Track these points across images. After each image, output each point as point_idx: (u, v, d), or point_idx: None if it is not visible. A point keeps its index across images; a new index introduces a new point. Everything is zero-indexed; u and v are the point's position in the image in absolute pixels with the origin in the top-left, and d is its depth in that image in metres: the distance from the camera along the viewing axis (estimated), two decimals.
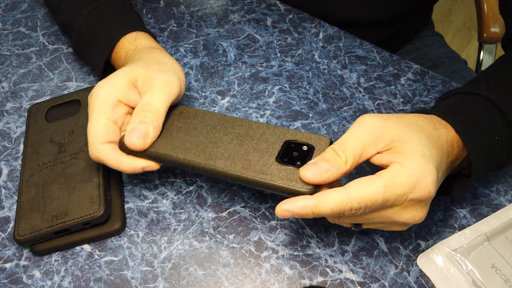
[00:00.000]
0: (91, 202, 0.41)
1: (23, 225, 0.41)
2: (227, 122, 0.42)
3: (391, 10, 0.68)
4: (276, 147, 0.39)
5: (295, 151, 0.38)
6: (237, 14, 0.64)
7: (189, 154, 0.39)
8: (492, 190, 0.46)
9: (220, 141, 0.40)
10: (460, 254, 0.41)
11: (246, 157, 0.38)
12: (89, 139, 0.40)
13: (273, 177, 0.36)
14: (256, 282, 0.41)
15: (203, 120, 0.43)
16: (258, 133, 0.41)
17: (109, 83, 0.42)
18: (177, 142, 0.41)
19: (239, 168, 0.37)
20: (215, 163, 0.38)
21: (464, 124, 0.39)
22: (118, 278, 0.41)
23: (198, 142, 0.40)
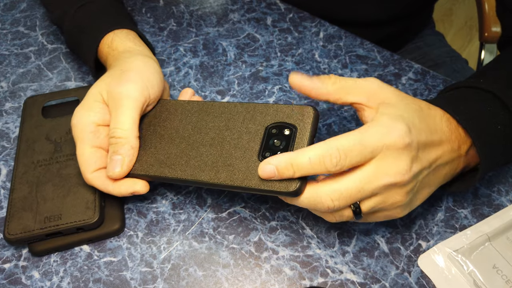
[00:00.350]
0: (85, 207, 0.41)
1: (14, 224, 0.40)
2: (207, 114, 0.41)
3: (392, 10, 0.68)
4: (258, 138, 0.37)
5: (278, 138, 0.37)
6: (237, 13, 0.64)
7: (174, 170, 0.40)
8: (493, 190, 0.46)
9: (202, 144, 0.39)
10: (461, 254, 0.41)
11: (229, 161, 0.38)
12: (80, 168, 0.41)
13: (257, 182, 0.36)
14: (256, 283, 0.40)
15: (182, 118, 0.42)
16: (238, 121, 0.39)
17: (84, 109, 0.42)
18: (161, 156, 0.41)
19: (224, 178, 0.37)
20: (200, 176, 0.38)
21: (465, 114, 0.39)
22: (117, 278, 0.41)
23: (181, 151, 0.40)
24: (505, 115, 0.40)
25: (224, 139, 0.39)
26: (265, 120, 0.38)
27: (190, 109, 0.42)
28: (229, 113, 0.40)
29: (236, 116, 0.39)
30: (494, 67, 0.46)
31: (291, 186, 0.35)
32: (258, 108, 0.39)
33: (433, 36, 0.83)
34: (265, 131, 0.37)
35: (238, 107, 0.40)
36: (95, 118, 0.42)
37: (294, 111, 0.37)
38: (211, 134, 0.39)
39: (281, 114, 0.38)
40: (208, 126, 0.40)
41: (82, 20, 0.51)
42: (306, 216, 0.44)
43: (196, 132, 0.40)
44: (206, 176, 0.38)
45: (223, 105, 0.40)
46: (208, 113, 0.41)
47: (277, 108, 0.38)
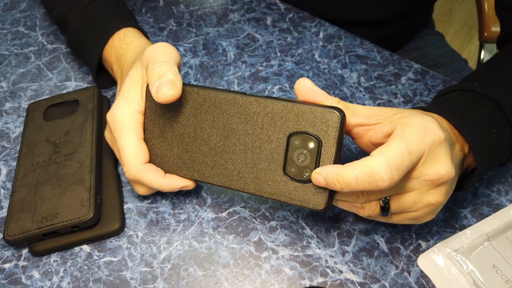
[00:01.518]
0: (81, 205, 0.41)
1: (13, 225, 0.41)
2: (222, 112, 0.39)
3: (391, 10, 0.68)
4: (281, 149, 0.36)
5: (302, 152, 0.35)
6: (237, 13, 0.64)
7: (202, 175, 0.40)
8: (493, 190, 0.46)
9: (224, 150, 0.39)
10: (461, 254, 0.41)
11: (255, 173, 0.38)
12: (127, 160, 0.40)
13: (285, 197, 0.37)
14: (256, 282, 0.40)
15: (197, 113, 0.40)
16: (257, 127, 0.37)
17: (126, 100, 0.41)
18: (186, 158, 0.40)
19: (253, 189, 0.38)
20: (230, 185, 0.39)
21: (462, 118, 0.39)
22: (117, 278, 0.41)
23: (203, 155, 0.40)
24: (501, 118, 0.40)
25: (246, 146, 0.38)
26: (286, 127, 0.36)
27: (202, 102, 0.39)
28: (246, 113, 0.37)
29: (254, 119, 0.37)
30: (491, 67, 0.47)
31: (319, 205, 0.35)
32: (277, 109, 0.36)
33: (432, 36, 0.83)
34: (288, 141, 0.36)
35: (255, 105, 0.37)
36: (139, 107, 0.41)
37: (317, 117, 0.35)
38: (232, 139, 0.38)
39: (303, 121, 0.35)
40: (226, 128, 0.39)
41: (90, 16, 0.51)
42: (306, 216, 0.44)
43: (215, 134, 0.39)
44: (235, 186, 0.39)
45: (237, 102, 0.38)
46: (223, 111, 0.38)
47: (298, 112, 0.35)
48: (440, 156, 0.34)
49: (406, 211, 0.36)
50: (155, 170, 0.41)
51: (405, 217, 0.37)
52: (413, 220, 0.37)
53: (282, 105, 0.36)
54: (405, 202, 0.35)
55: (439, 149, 0.34)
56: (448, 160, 0.34)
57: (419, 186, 0.34)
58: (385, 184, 0.31)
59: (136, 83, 0.41)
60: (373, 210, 0.36)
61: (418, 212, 0.36)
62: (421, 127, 0.33)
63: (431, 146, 0.33)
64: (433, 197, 0.34)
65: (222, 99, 0.38)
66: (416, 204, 0.35)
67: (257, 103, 0.37)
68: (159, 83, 0.37)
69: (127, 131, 0.40)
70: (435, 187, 0.34)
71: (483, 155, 0.39)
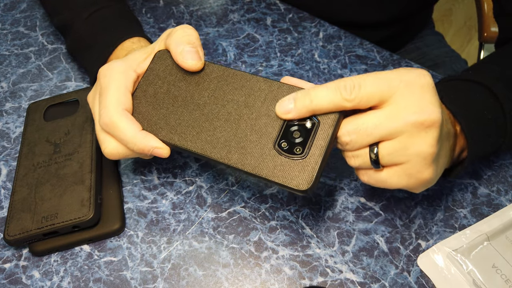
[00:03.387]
0: (81, 205, 0.41)
1: (13, 225, 0.41)
2: (227, 83, 0.38)
3: (391, 11, 0.68)
4: (277, 124, 0.35)
5: (298, 130, 0.35)
6: (237, 14, 0.64)
7: (183, 139, 0.37)
8: (493, 190, 0.46)
9: (217, 117, 0.37)
10: (461, 254, 0.41)
11: (242, 143, 0.36)
12: (108, 102, 0.37)
13: (268, 172, 0.34)
14: (256, 282, 0.40)
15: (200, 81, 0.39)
16: (259, 100, 0.37)
17: (125, 60, 0.40)
18: (172, 120, 0.38)
19: (235, 160, 0.35)
20: (210, 153, 0.36)
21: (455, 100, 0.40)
22: (117, 278, 0.41)
23: (193, 120, 0.38)
24: (494, 104, 0.41)
25: (241, 116, 0.36)
26: None
27: (210, 73, 0.39)
28: (251, 87, 0.37)
29: (257, 93, 0.37)
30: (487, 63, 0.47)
31: (302, 185, 0.33)
32: (283, 89, 0.36)
33: (432, 36, 0.83)
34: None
35: (262, 83, 0.37)
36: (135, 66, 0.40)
37: None
38: (228, 108, 0.37)
39: None
40: (226, 98, 0.37)
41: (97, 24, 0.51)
42: (305, 215, 0.44)
43: (212, 102, 0.38)
44: (216, 154, 0.36)
45: (245, 77, 0.38)
46: (228, 83, 0.38)
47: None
48: (424, 96, 0.32)
49: (397, 162, 0.34)
50: (133, 120, 0.38)
51: (400, 173, 0.34)
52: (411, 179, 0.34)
53: (289, 88, 0.36)
54: (393, 148, 0.33)
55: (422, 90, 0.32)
56: (435, 101, 0.32)
57: (407, 129, 0.32)
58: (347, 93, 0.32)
59: (145, 52, 0.41)
60: (363, 158, 0.34)
61: (411, 164, 0.33)
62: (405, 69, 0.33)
63: (409, 84, 0.32)
64: (423, 142, 0.32)
65: (230, 73, 0.38)
66: (406, 150, 0.33)
67: (264, 82, 0.37)
68: (188, 49, 0.38)
69: (116, 78, 0.38)
70: (424, 130, 0.32)
71: (474, 135, 0.39)
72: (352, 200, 0.45)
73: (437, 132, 0.32)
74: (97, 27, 0.51)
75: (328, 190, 0.46)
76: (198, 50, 0.39)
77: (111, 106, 0.37)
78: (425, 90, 0.32)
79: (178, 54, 0.38)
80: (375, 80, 0.33)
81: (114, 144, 0.39)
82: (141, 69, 0.40)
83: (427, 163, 0.33)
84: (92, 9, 0.52)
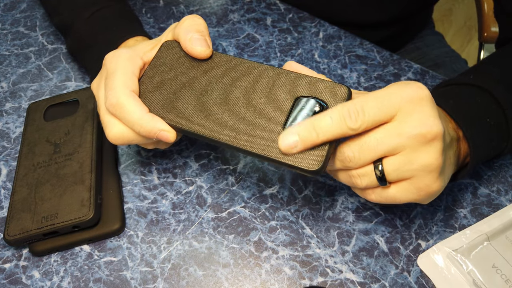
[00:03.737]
0: (81, 205, 0.41)
1: (13, 225, 0.41)
2: (235, 71, 0.38)
3: (391, 12, 0.68)
4: (285, 108, 0.36)
5: (306, 113, 0.35)
6: (237, 14, 0.64)
7: (191, 122, 0.37)
8: (493, 190, 0.46)
9: (225, 102, 0.37)
10: (461, 254, 0.41)
11: (251, 125, 0.36)
12: (115, 84, 0.37)
13: (278, 153, 0.34)
14: (256, 282, 0.40)
15: (208, 69, 0.39)
16: (267, 87, 0.37)
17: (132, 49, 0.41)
18: (179, 104, 0.38)
19: (244, 142, 0.35)
20: (219, 135, 0.36)
21: (455, 106, 0.40)
22: (117, 278, 0.41)
23: (201, 104, 0.38)
24: (495, 109, 0.41)
25: (250, 101, 0.37)
26: (296, 90, 0.36)
27: (218, 61, 0.39)
28: (259, 75, 0.38)
29: (265, 80, 0.37)
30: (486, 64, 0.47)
31: (313, 165, 0.33)
32: (290, 76, 0.37)
33: (432, 36, 0.83)
34: (294, 102, 0.36)
35: (269, 70, 0.38)
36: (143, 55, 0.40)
37: (327, 87, 0.35)
38: (236, 93, 0.37)
39: (313, 88, 0.36)
40: (234, 84, 0.38)
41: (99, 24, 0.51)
42: (305, 215, 0.44)
43: (220, 87, 0.38)
44: (225, 137, 0.36)
45: (253, 65, 0.38)
46: (236, 70, 0.38)
47: (310, 81, 0.36)
48: (423, 109, 0.32)
49: (404, 177, 0.34)
50: (141, 102, 0.38)
51: (408, 188, 0.34)
52: (421, 192, 0.34)
53: (295, 75, 0.37)
54: (399, 163, 0.33)
55: (420, 103, 0.32)
56: (434, 113, 0.32)
57: (409, 143, 0.32)
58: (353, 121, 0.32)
59: (151, 42, 0.42)
60: (369, 177, 0.34)
61: (419, 178, 0.33)
62: (402, 83, 0.33)
63: (409, 99, 0.32)
64: (427, 155, 0.32)
65: (238, 61, 0.39)
66: (411, 165, 0.32)
67: (272, 69, 0.38)
68: (197, 36, 0.39)
69: (123, 63, 0.38)
70: (428, 143, 0.32)
71: (476, 141, 0.39)
72: (352, 200, 0.45)
73: (440, 144, 0.32)
74: (97, 27, 0.51)
75: (328, 190, 0.46)
76: (206, 39, 0.39)
77: (118, 87, 0.37)
78: (424, 103, 0.32)
79: (188, 41, 0.39)
80: (377, 102, 0.32)
81: (119, 127, 0.38)
82: (147, 57, 0.41)
83: (434, 175, 0.33)
84: (93, 9, 0.51)
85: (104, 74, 0.40)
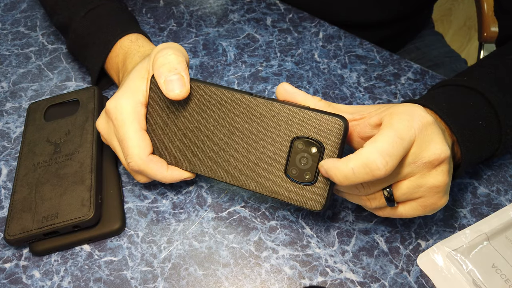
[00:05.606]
0: (81, 205, 0.41)
1: (14, 225, 0.41)
2: (227, 110, 0.39)
3: (391, 11, 0.68)
4: (283, 151, 0.38)
5: (304, 156, 0.37)
6: (237, 14, 0.64)
7: (204, 169, 0.41)
8: (493, 189, 0.46)
9: (227, 147, 0.39)
10: (460, 253, 0.41)
11: (256, 172, 0.39)
12: (132, 151, 0.39)
13: (284, 196, 0.38)
14: (256, 282, 0.40)
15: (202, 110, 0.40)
16: (262, 128, 0.38)
17: (130, 91, 0.40)
18: (188, 152, 0.41)
19: (253, 186, 0.39)
20: (231, 181, 0.40)
21: (447, 109, 0.40)
22: (117, 278, 0.41)
23: (206, 151, 0.40)
24: (488, 111, 0.41)
25: (249, 145, 0.39)
26: (291, 131, 0.37)
27: (208, 99, 0.39)
28: (252, 114, 0.38)
29: (259, 120, 0.38)
30: (481, 66, 0.47)
31: (316, 206, 0.37)
32: (283, 113, 0.37)
33: (432, 36, 0.83)
34: (291, 144, 0.37)
35: (261, 108, 0.38)
36: (143, 99, 0.40)
37: (321, 124, 0.36)
38: (235, 137, 0.39)
39: (307, 126, 0.36)
40: (230, 127, 0.39)
41: (95, 22, 0.51)
42: (305, 215, 0.44)
43: (219, 131, 0.40)
44: (236, 182, 0.40)
45: (243, 102, 0.38)
46: (228, 110, 0.39)
47: (303, 118, 0.37)
48: (431, 137, 0.34)
49: (412, 198, 0.36)
50: (160, 162, 0.41)
51: (415, 206, 0.36)
52: (426, 209, 0.36)
53: (288, 109, 0.37)
54: (408, 188, 0.35)
55: (429, 131, 0.34)
56: (441, 139, 0.34)
57: (418, 170, 0.34)
58: (381, 173, 0.32)
59: (142, 76, 0.41)
60: (378, 200, 0.36)
61: (426, 198, 0.35)
62: (407, 113, 0.34)
63: (420, 129, 0.33)
64: (435, 178, 0.34)
65: (228, 98, 0.39)
66: (420, 188, 0.34)
67: (263, 105, 0.38)
68: (170, 78, 0.38)
69: (130, 121, 0.39)
70: (435, 168, 0.34)
71: (468, 145, 0.39)
72: None
73: (447, 166, 0.34)
74: (93, 26, 0.51)
75: None
76: (181, 77, 0.38)
77: (135, 155, 0.39)
78: (430, 130, 0.34)
79: (162, 85, 0.38)
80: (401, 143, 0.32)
81: (146, 179, 0.43)
82: (145, 99, 0.41)
83: (441, 194, 0.35)
84: (88, 7, 0.51)
85: (111, 124, 0.41)
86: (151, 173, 0.40)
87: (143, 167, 0.40)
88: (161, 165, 0.41)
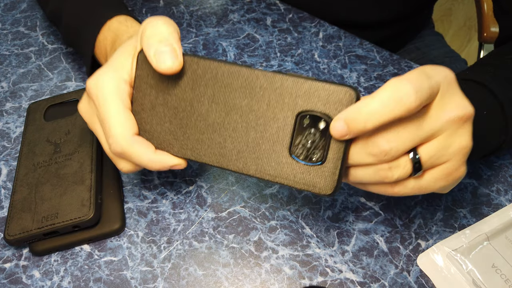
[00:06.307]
0: (81, 205, 0.41)
1: (14, 225, 0.41)
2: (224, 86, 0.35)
3: (391, 12, 0.68)
4: (287, 128, 0.33)
5: (311, 132, 0.32)
6: (237, 14, 0.64)
7: (197, 154, 0.36)
8: (493, 190, 0.46)
9: (223, 127, 0.35)
10: (460, 254, 0.41)
11: (256, 153, 0.34)
12: (115, 131, 0.35)
13: (289, 180, 0.34)
14: (256, 282, 0.40)
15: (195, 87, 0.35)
16: (263, 103, 0.33)
17: (113, 68, 0.36)
18: (180, 135, 0.36)
19: (253, 170, 0.34)
20: (227, 165, 0.35)
21: None
22: (117, 278, 0.41)
23: (201, 132, 0.36)
24: (492, 102, 0.41)
25: (249, 123, 0.34)
26: (295, 104, 0.32)
27: (202, 74, 0.35)
28: (251, 88, 0.34)
29: (260, 94, 0.33)
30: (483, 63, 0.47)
31: (326, 190, 0.32)
32: (286, 84, 0.32)
33: (432, 36, 0.83)
34: (296, 120, 0.33)
35: (262, 79, 0.33)
36: (127, 76, 0.36)
37: (330, 95, 0.31)
38: (233, 115, 0.35)
39: (314, 98, 0.32)
40: (227, 104, 0.35)
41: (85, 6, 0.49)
42: (305, 215, 0.44)
43: (214, 109, 0.35)
44: (234, 166, 0.35)
45: (242, 74, 0.34)
46: (225, 85, 0.34)
47: (309, 88, 0.32)
48: (457, 91, 0.31)
49: (438, 163, 0.32)
50: (146, 143, 0.36)
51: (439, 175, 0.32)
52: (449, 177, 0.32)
53: (292, 81, 0.32)
54: (436, 149, 0.31)
55: (453, 85, 0.31)
56: (465, 96, 0.31)
57: (447, 127, 0.30)
58: (412, 100, 0.28)
59: (128, 53, 0.37)
60: (403, 167, 0.31)
61: (451, 162, 0.31)
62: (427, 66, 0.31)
63: (445, 77, 0.30)
64: (463, 138, 0.31)
65: (225, 71, 0.34)
66: (447, 150, 0.31)
67: (264, 78, 0.33)
68: (161, 49, 0.33)
69: (112, 99, 0.35)
70: (463, 125, 0.31)
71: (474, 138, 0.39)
72: (352, 200, 0.45)
73: (471, 125, 0.31)
74: (81, 10, 0.49)
75: None
76: (173, 48, 0.34)
77: (118, 135, 0.35)
78: (454, 85, 0.31)
79: (152, 58, 0.34)
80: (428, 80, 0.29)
81: (130, 165, 0.38)
82: (132, 77, 0.37)
83: (464, 158, 0.32)
84: None
85: (92, 104, 0.37)
86: (135, 156, 0.35)
87: (126, 148, 0.35)
88: (147, 147, 0.36)
